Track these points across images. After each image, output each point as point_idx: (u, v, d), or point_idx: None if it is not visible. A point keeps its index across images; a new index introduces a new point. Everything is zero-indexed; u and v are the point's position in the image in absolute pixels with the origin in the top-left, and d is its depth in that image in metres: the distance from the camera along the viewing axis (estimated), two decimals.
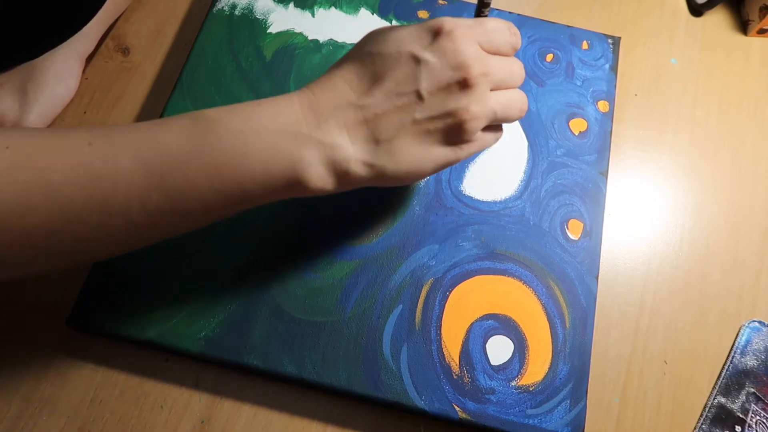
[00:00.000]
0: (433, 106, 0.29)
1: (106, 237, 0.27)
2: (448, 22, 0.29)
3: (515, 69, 0.32)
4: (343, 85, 0.29)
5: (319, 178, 0.29)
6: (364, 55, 0.30)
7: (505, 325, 0.38)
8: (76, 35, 0.43)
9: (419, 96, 0.29)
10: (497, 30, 0.31)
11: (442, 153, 0.30)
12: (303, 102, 0.29)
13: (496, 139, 0.33)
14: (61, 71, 0.42)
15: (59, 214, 0.26)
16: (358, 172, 0.29)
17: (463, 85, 0.29)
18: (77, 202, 0.26)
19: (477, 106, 0.29)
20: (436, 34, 0.29)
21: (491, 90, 0.30)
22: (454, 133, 0.30)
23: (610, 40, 0.48)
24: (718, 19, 0.52)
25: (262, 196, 0.29)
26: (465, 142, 0.31)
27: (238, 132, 0.27)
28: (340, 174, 0.29)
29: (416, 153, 0.30)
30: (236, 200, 0.28)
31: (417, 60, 0.29)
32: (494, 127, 0.33)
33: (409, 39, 0.29)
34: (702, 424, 0.38)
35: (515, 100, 0.32)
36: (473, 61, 0.29)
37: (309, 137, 0.28)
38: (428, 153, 0.30)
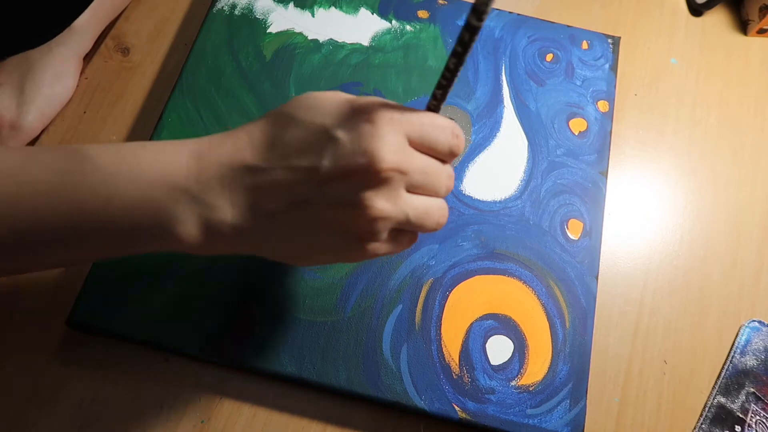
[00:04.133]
0: (331, 190, 0.25)
1: None
2: (376, 103, 0.25)
3: (443, 176, 0.27)
4: (243, 142, 0.26)
5: (189, 236, 0.26)
6: (280, 115, 0.27)
7: (505, 325, 0.38)
8: (73, 33, 0.43)
9: (317, 174, 0.25)
10: (436, 126, 0.26)
11: (339, 245, 0.26)
12: (194, 151, 0.26)
13: (411, 244, 0.29)
14: (58, 70, 0.42)
15: None
16: (232, 238, 0.26)
17: (371, 176, 0.24)
18: None
19: (385, 204, 0.25)
20: (358, 112, 0.25)
21: (408, 191, 0.26)
22: (353, 226, 0.25)
23: (610, 40, 0.48)
24: (718, 19, 0.52)
25: (127, 245, 0.27)
26: (369, 241, 0.26)
27: (108, 174, 0.25)
28: (213, 237, 0.26)
29: (305, 237, 0.26)
30: (97, 246, 0.26)
31: (326, 134, 0.25)
32: (409, 232, 0.28)
33: (327, 110, 0.26)
34: (702, 423, 0.38)
35: (433, 209, 0.27)
36: (389, 152, 0.24)
37: (186, 191, 0.25)
38: (319, 241, 0.26)
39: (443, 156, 0.27)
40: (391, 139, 0.25)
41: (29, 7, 0.40)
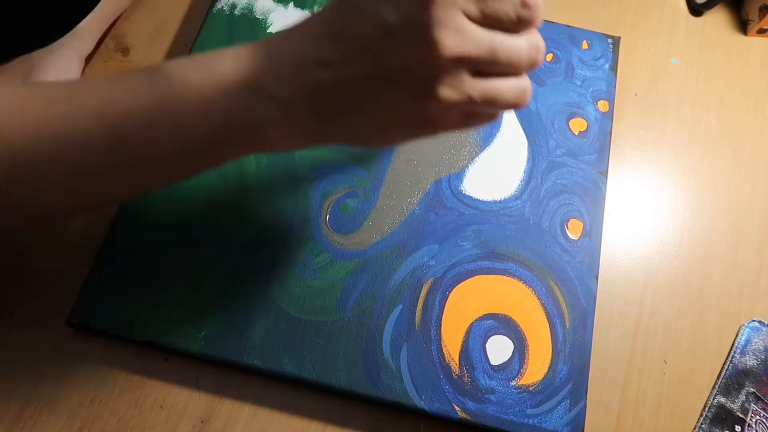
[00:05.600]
0: (397, 82, 0.25)
1: (75, 195, 0.28)
2: None
3: (517, 49, 0.25)
4: (309, 38, 0.26)
5: (277, 136, 0.27)
6: (342, 4, 0.26)
7: (504, 324, 0.38)
8: (76, 35, 0.43)
9: (381, 67, 0.25)
10: None
11: (411, 128, 0.27)
12: (261, 56, 0.27)
13: (488, 121, 0.28)
14: (61, 71, 0.42)
15: (23, 172, 0.26)
16: (311, 132, 0.28)
17: (432, 66, 0.24)
18: (40, 159, 0.26)
19: (448, 92, 0.25)
20: None
21: (480, 72, 0.25)
22: (422, 113, 0.26)
23: (610, 40, 0.48)
24: (718, 19, 0.52)
25: (223, 156, 0.28)
26: (439, 125, 0.27)
27: (198, 89, 0.26)
28: (297, 133, 0.27)
29: (377, 123, 0.27)
30: (196, 161, 0.28)
31: (384, 25, 0.24)
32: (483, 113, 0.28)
33: None
34: (702, 423, 0.38)
35: (503, 90, 0.26)
36: (447, 39, 0.23)
37: (266, 92, 0.26)
38: (388, 127, 0.27)
39: (512, 28, 0.25)
40: (448, 22, 0.23)
41: (35, 10, 0.40)
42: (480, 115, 0.28)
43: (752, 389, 0.39)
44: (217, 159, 0.29)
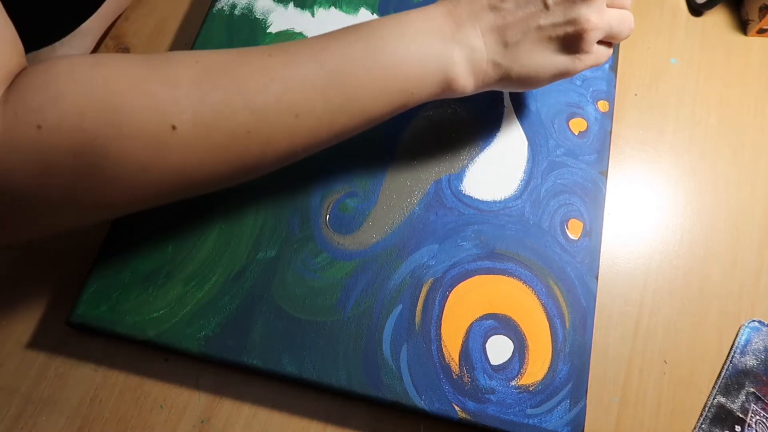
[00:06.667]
0: (556, 14, 0.33)
1: (293, 138, 0.31)
2: None
3: None
4: None
5: (463, 77, 0.33)
6: None
7: (504, 324, 0.38)
8: (77, 34, 0.43)
9: (545, 5, 0.33)
10: None
11: (561, 60, 0.34)
12: (443, 10, 0.33)
13: (608, 56, 0.36)
14: None
15: (252, 117, 0.29)
16: (489, 72, 0.33)
17: None
18: (268, 105, 0.29)
19: (596, 17, 0.33)
20: None
21: (607, 6, 0.34)
22: (573, 41, 0.33)
23: None
24: (718, 19, 0.52)
25: (418, 96, 0.33)
26: (582, 53, 0.34)
27: (398, 36, 0.32)
28: (477, 74, 0.33)
29: (538, 58, 0.33)
30: (397, 100, 0.32)
31: None
32: (606, 43, 0.36)
33: None
34: (702, 423, 0.38)
35: (626, 18, 0.35)
36: None
37: (453, 39, 0.32)
38: (549, 59, 0.34)
39: None
40: None
41: (39, 10, 0.40)
42: (603, 47, 0.35)
43: (752, 389, 0.39)
44: (410, 101, 0.33)
